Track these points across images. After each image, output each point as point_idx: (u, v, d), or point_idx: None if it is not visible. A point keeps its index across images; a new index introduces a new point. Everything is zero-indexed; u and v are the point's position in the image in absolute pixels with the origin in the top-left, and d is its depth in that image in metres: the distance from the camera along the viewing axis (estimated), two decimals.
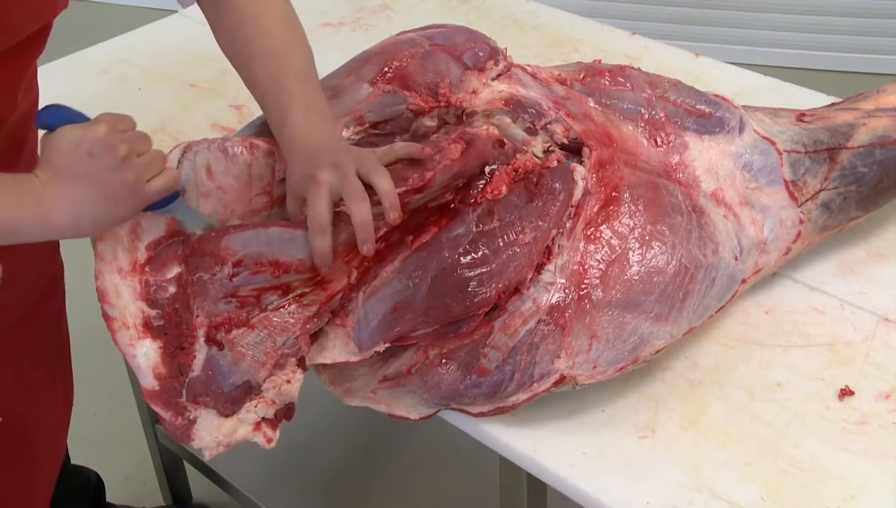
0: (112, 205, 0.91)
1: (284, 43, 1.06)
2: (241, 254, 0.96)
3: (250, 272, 0.97)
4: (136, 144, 0.91)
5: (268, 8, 1.08)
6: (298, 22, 1.10)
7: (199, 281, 0.97)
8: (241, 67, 1.08)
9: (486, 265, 0.98)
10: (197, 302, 0.97)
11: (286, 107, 1.02)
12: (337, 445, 1.84)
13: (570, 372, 0.97)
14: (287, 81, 1.03)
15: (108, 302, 0.97)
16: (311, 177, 0.95)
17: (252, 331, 0.98)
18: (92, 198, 0.90)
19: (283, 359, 0.99)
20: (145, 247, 0.98)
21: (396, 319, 0.98)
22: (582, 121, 1.11)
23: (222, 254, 0.96)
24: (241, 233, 0.97)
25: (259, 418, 0.99)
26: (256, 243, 0.97)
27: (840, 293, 1.15)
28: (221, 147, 1.02)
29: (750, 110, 1.21)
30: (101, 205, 0.90)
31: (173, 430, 0.98)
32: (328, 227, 0.94)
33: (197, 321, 0.97)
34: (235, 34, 1.08)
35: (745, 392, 1.03)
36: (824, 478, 0.95)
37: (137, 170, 0.91)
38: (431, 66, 1.14)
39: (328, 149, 0.98)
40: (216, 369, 0.97)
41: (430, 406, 1.01)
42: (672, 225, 1.04)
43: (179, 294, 0.97)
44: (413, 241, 1.00)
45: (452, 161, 1.01)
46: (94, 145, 0.88)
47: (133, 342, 0.97)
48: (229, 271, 0.96)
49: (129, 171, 0.90)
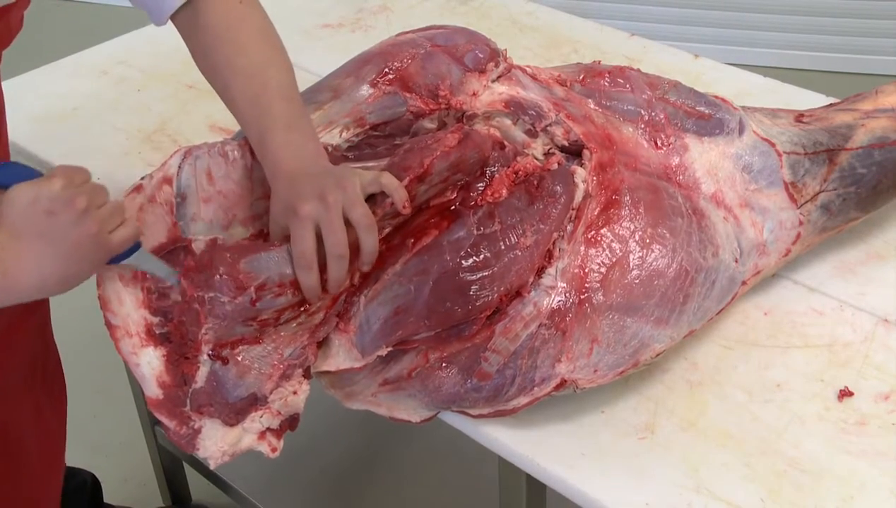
0: (76, 261, 0.88)
1: (263, 60, 1.03)
2: (262, 279, 0.93)
3: (274, 295, 0.94)
4: (94, 196, 0.88)
5: (243, 25, 1.05)
6: (277, 37, 1.07)
7: (215, 302, 0.94)
8: (221, 89, 1.05)
9: (487, 268, 0.98)
10: (209, 321, 0.94)
11: (267, 129, 0.99)
12: (336, 446, 1.84)
13: (570, 376, 0.97)
14: (267, 101, 1.00)
15: (111, 310, 0.96)
16: (293, 210, 0.93)
17: (258, 345, 0.97)
18: (56, 257, 0.86)
19: (290, 370, 0.98)
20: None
21: (398, 323, 0.98)
22: (582, 123, 1.10)
23: (243, 279, 0.93)
24: (259, 256, 0.94)
25: (264, 427, 0.99)
26: (277, 265, 0.94)
27: (839, 294, 1.15)
28: (222, 151, 1.02)
29: (749, 111, 1.21)
30: (65, 263, 0.87)
31: (178, 440, 0.97)
32: (314, 264, 0.93)
33: (204, 338, 0.95)
34: (212, 55, 1.04)
35: (745, 393, 1.03)
36: (823, 479, 0.95)
37: (99, 222, 0.88)
38: (432, 68, 1.14)
39: (311, 176, 0.96)
40: (220, 382, 0.96)
41: (430, 409, 1.00)
42: (672, 228, 1.03)
43: (185, 307, 0.95)
44: (414, 244, 0.99)
45: (450, 148, 1.00)
46: (51, 202, 0.85)
47: (136, 350, 0.96)
48: (252, 296, 0.94)
49: (91, 224, 0.87)
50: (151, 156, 1.37)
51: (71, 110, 1.48)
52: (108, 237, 0.89)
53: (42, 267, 0.86)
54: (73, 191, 0.86)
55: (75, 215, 0.86)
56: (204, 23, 1.04)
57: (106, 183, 1.29)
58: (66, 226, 0.86)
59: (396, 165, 1.00)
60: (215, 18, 1.04)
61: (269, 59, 1.04)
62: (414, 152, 1.01)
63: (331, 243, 0.93)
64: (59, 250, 0.86)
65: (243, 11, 1.06)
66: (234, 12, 1.05)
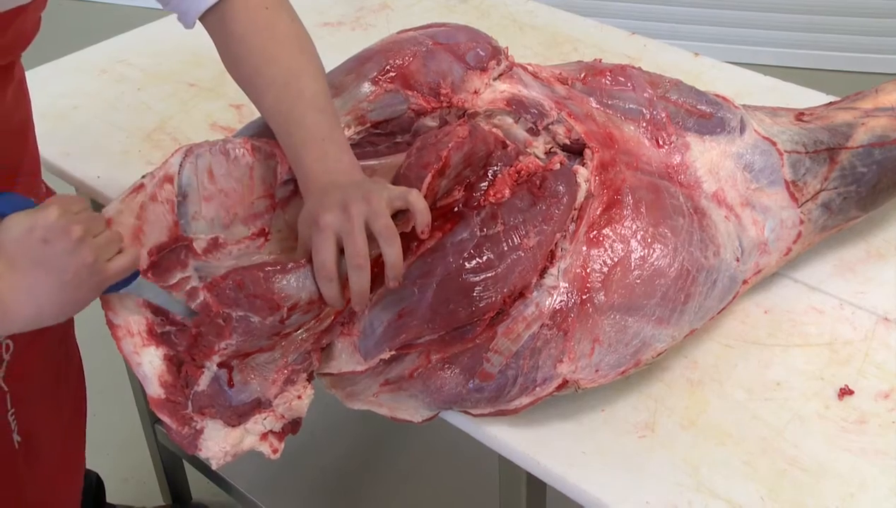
0: (72, 290, 0.87)
1: (294, 69, 1.01)
2: (294, 299, 0.94)
3: (302, 313, 0.95)
4: (91, 225, 0.88)
5: (271, 32, 1.03)
6: (308, 40, 1.05)
7: (245, 321, 0.93)
8: (254, 99, 1.03)
9: (491, 270, 0.97)
10: (234, 338, 0.94)
11: (301, 142, 0.98)
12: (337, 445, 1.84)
13: (572, 377, 0.97)
14: (300, 113, 0.99)
15: (112, 310, 0.96)
16: (315, 220, 0.93)
17: (265, 353, 0.97)
18: (51, 287, 0.86)
19: (295, 375, 0.99)
20: (148, 253, 0.96)
21: (402, 326, 0.97)
22: (584, 122, 1.10)
23: (277, 300, 0.93)
24: (290, 277, 0.94)
25: (266, 430, 0.99)
26: (307, 282, 0.94)
27: (839, 292, 1.15)
28: (223, 150, 1.01)
29: (750, 110, 1.21)
30: (61, 292, 0.86)
31: (180, 440, 0.96)
32: (335, 275, 0.92)
33: (221, 350, 0.95)
34: (242, 66, 1.03)
35: (745, 391, 1.03)
36: (823, 478, 0.95)
37: (95, 251, 0.87)
38: (433, 66, 1.13)
39: (338, 188, 0.95)
40: (223, 387, 0.96)
41: (432, 409, 1.00)
42: (674, 227, 1.03)
43: (207, 318, 0.94)
44: (418, 247, 0.98)
45: (463, 138, 1.00)
46: (47, 231, 0.84)
47: (138, 349, 0.96)
48: (283, 315, 0.94)
49: (87, 253, 0.86)
50: (152, 154, 1.37)
51: (71, 109, 1.48)
52: (105, 266, 0.89)
53: (37, 297, 0.86)
54: (69, 220, 0.85)
55: (71, 244, 0.85)
56: (231, 30, 1.02)
57: (106, 181, 1.30)
58: (61, 254, 0.85)
59: (414, 164, 0.99)
60: (242, 26, 1.02)
61: (300, 68, 1.02)
62: (428, 148, 1.00)
63: (350, 253, 0.91)
64: (54, 279, 0.85)
65: (270, 17, 1.03)
66: (260, 19, 1.02)
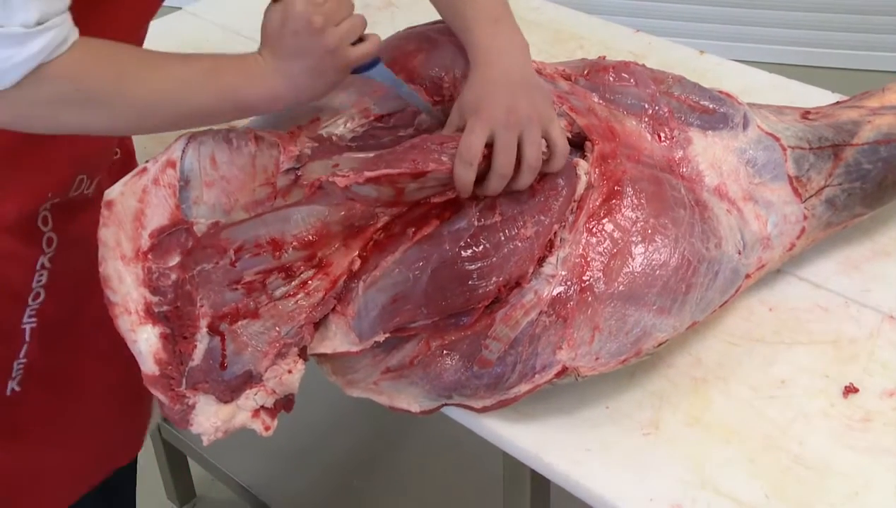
0: (321, 74, 0.98)
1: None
2: (240, 242, 0.98)
3: (251, 255, 0.98)
4: (332, 14, 0.96)
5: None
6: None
7: (202, 273, 0.98)
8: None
9: (486, 259, 0.98)
10: (201, 292, 0.98)
11: (473, 20, 1.05)
12: (340, 441, 1.84)
13: (572, 364, 0.97)
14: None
15: (111, 288, 0.98)
16: (480, 109, 0.99)
17: (256, 321, 0.99)
18: (305, 72, 0.97)
19: (286, 349, 0.99)
20: (148, 235, 0.99)
21: (396, 310, 0.99)
22: (585, 116, 1.10)
23: (223, 244, 0.98)
24: (238, 226, 0.99)
25: (258, 405, 1.00)
26: (254, 229, 0.99)
27: (844, 290, 1.15)
28: (226, 137, 1.03)
29: (754, 108, 1.21)
30: (313, 76, 0.98)
31: (172, 415, 0.98)
32: (475, 162, 0.98)
33: (200, 311, 0.98)
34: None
35: (749, 389, 1.03)
36: (828, 476, 0.95)
37: (337, 38, 0.96)
38: (437, 60, 1.13)
39: (511, 85, 1.01)
40: (217, 359, 0.98)
41: (431, 398, 1.01)
42: (675, 218, 1.03)
43: (180, 290, 0.98)
44: (415, 233, 1.00)
45: (447, 168, 1.01)
46: (294, 22, 0.95)
47: (134, 327, 0.98)
48: (231, 258, 0.98)
49: (330, 39, 0.96)
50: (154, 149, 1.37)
51: None
52: (347, 51, 0.98)
53: (294, 81, 0.97)
54: (312, 11, 0.95)
55: (314, 32, 0.95)
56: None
57: None
58: (307, 44, 0.96)
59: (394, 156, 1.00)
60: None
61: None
62: (415, 151, 1.01)
63: (499, 163, 0.99)
64: (306, 66, 0.97)
65: None
66: None
